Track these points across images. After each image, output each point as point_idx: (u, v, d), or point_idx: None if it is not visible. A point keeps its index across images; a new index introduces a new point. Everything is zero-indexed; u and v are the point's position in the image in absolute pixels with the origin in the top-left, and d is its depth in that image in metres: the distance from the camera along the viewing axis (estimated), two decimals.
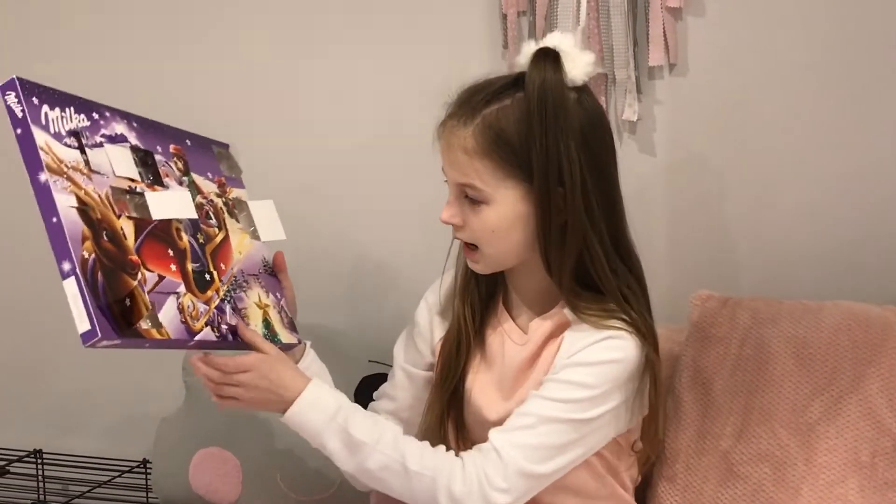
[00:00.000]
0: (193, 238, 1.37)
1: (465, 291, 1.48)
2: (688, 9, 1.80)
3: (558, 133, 1.31)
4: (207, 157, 1.50)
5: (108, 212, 1.25)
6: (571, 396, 1.33)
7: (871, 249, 1.79)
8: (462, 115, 1.36)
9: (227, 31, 2.07)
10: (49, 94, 1.25)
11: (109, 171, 1.28)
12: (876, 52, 1.75)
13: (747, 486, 1.55)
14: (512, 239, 1.37)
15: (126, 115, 1.37)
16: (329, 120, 2.03)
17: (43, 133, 1.21)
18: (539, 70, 1.32)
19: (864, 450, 1.52)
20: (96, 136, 1.30)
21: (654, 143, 1.85)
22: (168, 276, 1.29)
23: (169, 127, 1.45)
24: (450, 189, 1.40)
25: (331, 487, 1.77)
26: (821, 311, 1.62)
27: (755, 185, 1.83)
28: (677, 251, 1.87)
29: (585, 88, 1.37)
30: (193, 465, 1.81)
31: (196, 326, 1.30)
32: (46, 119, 1.23)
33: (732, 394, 1.61)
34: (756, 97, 1.80)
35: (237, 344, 1.38)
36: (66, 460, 2.25)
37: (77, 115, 1.28)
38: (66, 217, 1.18)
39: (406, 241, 2.00)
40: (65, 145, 1.23)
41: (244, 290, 1.43)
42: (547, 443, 1.33)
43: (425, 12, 1.94)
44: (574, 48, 1.34)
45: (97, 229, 1.21)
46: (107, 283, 1.19)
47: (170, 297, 1.27)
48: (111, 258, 1.21)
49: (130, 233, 1.27)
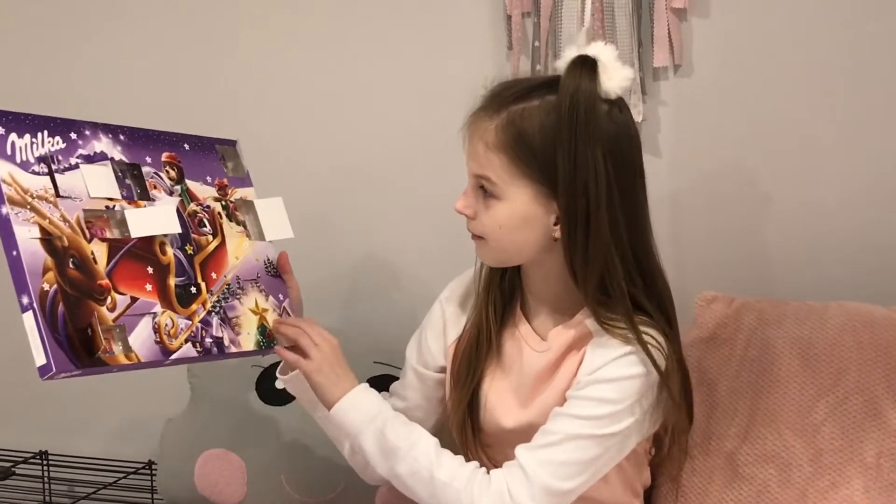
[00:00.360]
0: (181, 250, 1.38)
1: (487, 292, 1.48)
2: (692, 10, 1.80)
3: (587, 141, 1.30)
4: (208, 160, 1.50)
5: (79, 237, 1.25)
6: (596, 413, 1.33)
7: (876, 250, 1.79)
8: (489, 107, 1.36)
9: (233, 30, 2.08)
10: (19, 121, 1.25)
11: (84, 194, 1.29)
12: (881, 52, 1.74)
13: (752, 488, 1.55)
14: (518, 238, 1.37)
15: (112, 130, 1.37)
16: (333, 120, 2.03)
17: (7, 164, 1.22)
18: (574, 77, 1.31)
19: (869, 451, 1.52)
20: (71, 157, 1.30)
21: (658, 143, 1.85)
22: (142, 296, 1.29)
23: (165, 133, 1.45)
24: (468, 180, 1.41)
25: (336, 489, 1.77)
26: (826, 312, 1.62)
27: (760, 186, 1.83)
28: (682, 252, 1.87)
29: (619, 102, 1.36)
30: (198, 466, 1.82)
31: (173, 345, 1.30)
32: (13, 148, 1.23)
33: (737, 395, 1.61)
34: (760, 98, 1.80)
35: (224, 356, 1.39)
36: (72, 462, 2.25)
37: (50, 139, 1.28)
38: (25, 250, 1.19)
39: (413, 240, 2.00)
40: (32, 173, 1.24)
41: (238, 298, 1.43)
42: (573, 459, 1.33)
43: (430, 13, 1.94)
44: (615, 61, 1.34)
45: (62, 258, 1.22)
46: (68, 313, 1.20)
47: (143, 318, 1.28)
48: (76, 286, 1.22)
49: (102, 256, 1.27)
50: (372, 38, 1.99)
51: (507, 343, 1.47)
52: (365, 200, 2.03)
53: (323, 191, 2.04)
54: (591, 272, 1.34)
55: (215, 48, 2.09)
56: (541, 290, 1.45)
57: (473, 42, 1.91)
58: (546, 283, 1.43)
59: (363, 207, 2.04)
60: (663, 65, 1.80)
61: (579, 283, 1.36)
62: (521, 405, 1.44)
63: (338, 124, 2.03)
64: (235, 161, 1.55)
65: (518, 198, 1.35)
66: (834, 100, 1.78)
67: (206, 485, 1.81)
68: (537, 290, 1.45)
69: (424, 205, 1.97)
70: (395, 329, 1.91)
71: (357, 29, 1.99)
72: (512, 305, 1.49)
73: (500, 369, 1.47)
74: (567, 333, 1.41)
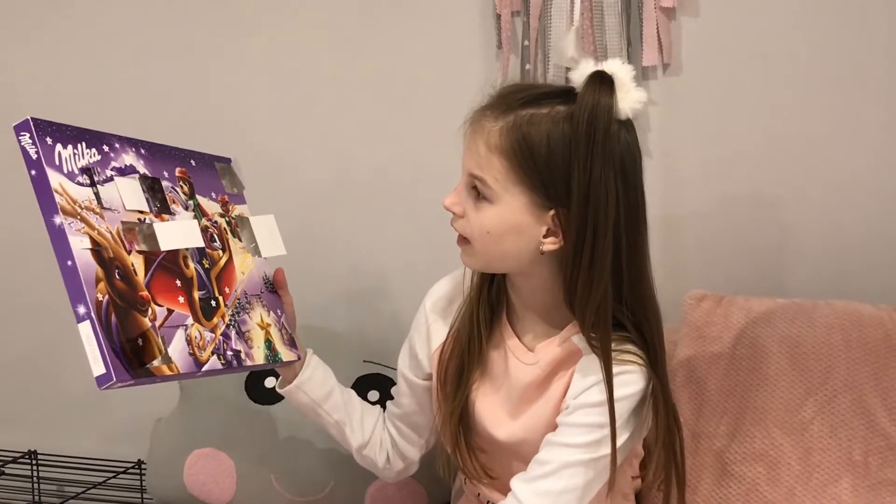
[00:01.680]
0: (199, 265, 1.38)
1: (478, 301, 1.45)
2: (681, 9, 1.80)
3: (603, 160, 1.26)
4: (210, 176, 1.50)
5: (120, 249, 1.26)
6: (587, 440, 1.32)
7: (865, 249, 1.80)
8: (496, 108, 1.32)
9: (223, 35, 2.07)
10: (62, 132, 1.26)
11: (120, 206, 1.29)
12: (871, 52, 1.75)
13: (741, 486, 1.55)
14: (504, 245, 1.33)
15: (134, 143, 1.38)
16: (322, 120, 2.03)
17: (57, 174, 1.22)
18: (593, 93, 1.27)
19: (857, 449, 1.52)
20: (107, 170, 1.30)
21: (647, 142, 1.85)
22: (177, 308, 1.30)
23: (174, 148, 1.46)
24: (461, 177, 1.37)
25: (325, 488, 1.77)
26: (814, 311, 1.62)
27: (749, 185, 1.83)
28: (672, 251, 1.87)
29: (627, 123, 1.31)
30: (188, 466, 1.81)
31: (203, 357, 1.31)
32: (60, 159, 1.23)
33: (726, 393, 1.61)
34: (749, 97, 1.81)
35: (242, 368, 1.40)
36: (61, 461, 2.24)
37: (88, 150, 1.28)
38: (80, 259, 1.19)
39: (401, 243, 2.00)
40: (77, 184, 1.24)
41: (247, 312, 1.44)
42: (569, 486, 1.32)
43: (419, 12, 1.94)
44: (631, 81, 1.30)
45: (109, 269, 1.22)
46: (120, 323, 1.20)
47: (178, 329, 1.28)
48: (123, 297, 1.23)
49: (140, 268, 1.27)
50: (360, 39, 1.99)
51: (492, 353, 1.45)
52: (353, 203, 2.03)
53: (310, 194, 2.04)
54: (593, 296, 1.30)
55: (206, 54, 2.08)
56: (529, 303, 1.42)
57: (463, 41, 1.91)
58: (535, 295, 1.40)
59: (352, 209, 2.04)
60: (652, 64, 1.81)
61: (575, 304, 1.32)
62: (511, 416, 1.43)
63: (325, 125, 2.03)
64: (231, 178, 1.55)
65: (510, 204, 1.31)
66: (823, 97, 1.78)
67: (195, 484, 1.81)
68: (526, 301, 1.42)
69: (413, 208, 1.97)
70: (384, 329, 1.92)
71: (345, 29, 1.99)
72: (498, 315, 1.46)
73: (487, 379, 1.46)
74: (556, 349, 1.39)
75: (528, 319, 1.43)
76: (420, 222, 1.96)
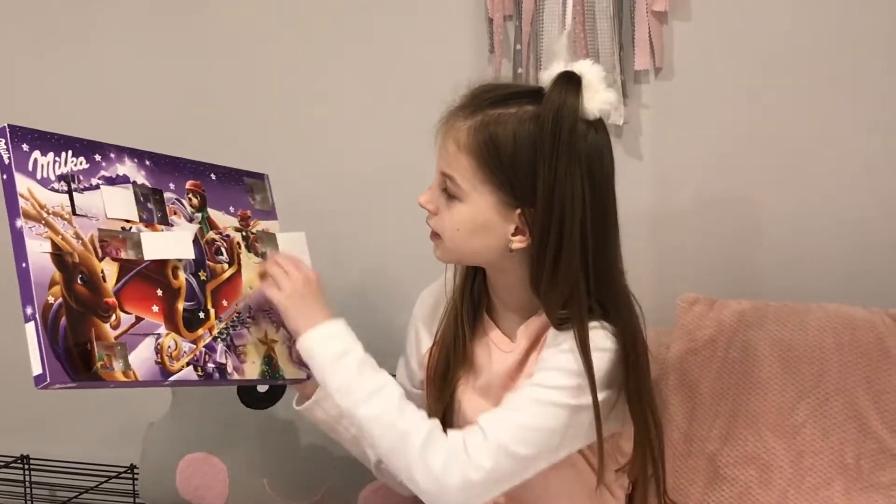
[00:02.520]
0: (194, 276, 1.41)
1: (461, 300, 1.48)
2: (673, 13, 1.81)
3: (568, 159, 1.28)
4: (234, 191, 1.53)
5: (90, 255, 1.29)
6: (560, 383, 1.32)
7: (856, 253, 1.80)
8: (466, 107, 1.35)
9: (221, 37, 2.07)
10: (45, 140, 1.30)
11: (101, 214, 1.33)
12: (864, 55, 1.75)
13: (734, 489, 1.55)
14: (473, 242, 1.36)
15: (139, 154, 1.42)
16: (313, 125, 2.03)
17: (27, 179, 1.26)
18: (559, 93, 1.30)
19: (849, 452, 1.53)
20: (93, 178, 1.34)
21: (639, 146, 1.86)
22: (147, 317, 1.32)
23: (192, 162, 1.49)
24: (435, 176, 1.40)
25: (318, 492, 1.77)
26: (806, 314, 1.62)
27: (741, 189, 1.83)
28: (663, 254, 1.87)
29: (597, 124, 1.33)
30: (180, 470, 1.81)
31: (174, 367, 1.33)
32: (35, 165, 1.28)
33: (719, 396, 1.61)
34: (741, 101, 1.81)
35: (226, 382, 1.41)
36: (54, 466, 2.24)
37: (74, 159, 1.33)
38: (34, 263, 1.23)
39: (392, 248, 2.00)
40: (51, 190, 1.28)
41: (247, 327, 1.45)
42: (533, 424, 1.31)
43: (411, 16, 1.94)
44: (600, 81, 1.32)
45: (71, 273, 1.26)
46: (69, 326, 1.23)
47: (146, 338, 1.31)
48: (82, 302, 1.26)
49: (112, 275, 1.30)
50: (352, 42, 1.99)
51: (477, 349, 1.47)
52: (343, 206, 2.03)
53: (299, 199, 2.03)
54: (558, 293, 1.33)
55: (205, 55, 2.09)
56: (506, 297, 1.44)
57: (455, 45, 1.92)
58: (511, 290, 1.42)
59: (342, 213, 2.03)
60: (644, 68, 1.81)
61: (542, 301, 1.36)
62: (493, 404, 1.42)
63: (315, 128, 2.03)
64: (263, 194, 1.58)
65: (478, 203, 1.34)
66: (815, 101, 1.78)
67: (188, 488, 1.81)
68: (503, 296, 1.45)
69: (403, 209, 1.96)
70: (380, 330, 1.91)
71: (338, 32, 1.99)
72: (480, 312, 1.49)
73: (472, 375, 1.47)
74: (530, 329, 1.41)
75: (508, 312, 1.46)
76: (412, 225, 1.96)
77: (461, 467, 1.29)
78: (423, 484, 1.29)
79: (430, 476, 1.29)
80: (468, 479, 1.28)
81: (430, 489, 1.29)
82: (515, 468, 1.32)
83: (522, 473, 1.33)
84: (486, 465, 1.29)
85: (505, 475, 1.31)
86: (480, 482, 1.29)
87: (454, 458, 1.29)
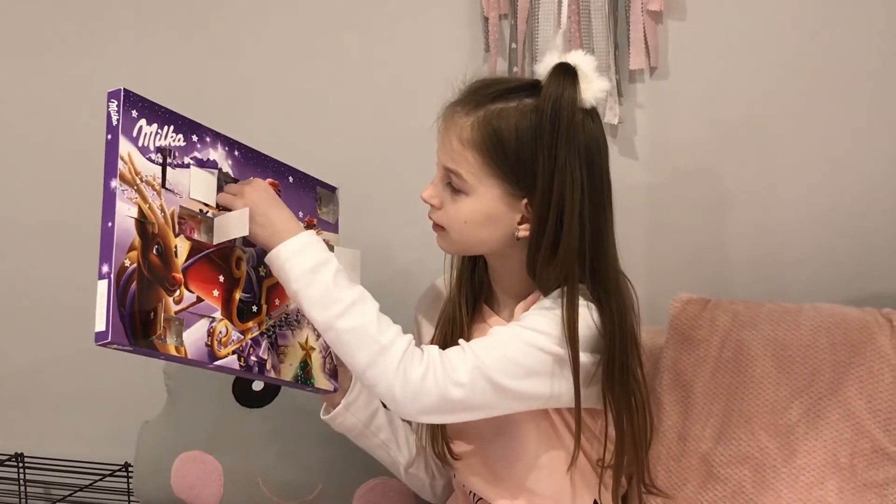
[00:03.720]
0: (255, 270, 1.44)
1: (459, 287, 1.51)
2: (668, 12, 1.81)
3: (567, 149, 1.33)
4: (306, 197, 1.57)
5: (168, 229, 1.32)
6: (545, 327, 1.35)
7: (851, 252, 1.80)
8: (467, 103, 1.39)
9: (217, 31, 2.07)
10: (153, 110, 1.33)
11: (185, 192, 1.36)
12: (858, 54, 1.75)
13: (727, 488, 1.55)
14: (481, 233, 1.40)
15: (231, 143, 1.45)
16: (310, 122, 2.03)
17: (129, 144, 1.29)
18: (557, 84, 1.34)
19: (842, 451, 1.53)
20: (186, 156, 1.38)
21: (634, 146, 1.86)
22: (207, 299, 1.35)
23: (275, 161, 1.53)
24: (437, 171, 1.43)
25: (312, 491, 1.77)
26: (800, 314, 1.63)
27: (736, 188, 1.84)
28: (658, 253, 1.88)
29: (592, 112, 1.38)
30: (175, 468, 1.81)
31: (221, 352, 1.35)
32: (139, 132, 1.31)
33: (712, 396, 1.61)
34: (736, 100, 1.81)
35: (263, 377, 1.43)
36: (48, 464, 2.24)
37: (174, 134, 1.36)
38: (119, 224, 1.25)
39: (389, 247, 2.00)
40: (148, 159, 1.31)
41: (292, 329, 1.48)
42: (513, 357, 1.34)
43: (407, 15, 1.94)
44: (593, 71, 1.37)
45: (149, 242, 1.29)
46: (139, 292, 1.25)
47: (202, 319, 1.34)
48: (153, 271, 1.28)
49: (184, 252, 1.34)
50: (348, 41, 1.99)
51: (475, 335, 1.49)
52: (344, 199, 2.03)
53: None
54: (554, 277, 1.37)
55: (199, 46, 2.08)
56: (507, 283, 1.48)
57: (450, 44, 1.92)
58: (511, 277, 1.46)
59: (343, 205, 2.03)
60: (639, 67, 1.81)
61: (537, 283, 1.40)
62: None
63: (312, 126, 2.03)
64: (330, 206, 1.62)
65: (485, 196, 1.38)
66: (810, 100, 1.79)
67: (182, 487, 1.81)
68: (504, 282, 1.49)
69: (399, 208, 1.97)
70: None
71: (333, 32, 1.99)
72: (479, 301, 1.52)
73: None
74: (526, 305, 1.44)
75: (506, 300, 1.49)
76: (408, 222, 1.96)
77: (438, 378, 1.31)
78: (400, 394, 1.31)
79: (407, 387, 1.31)
80: (443, 391, 1.31)
81: (405, 398, 1.31)
82: (494, 393, 1.33)
83: (504, 401, 1.35)
84: (462, 380, 1.31)
85: (484, 398, 1.33)
86: (455, 398, 1.31)
87: (432, 369, 1.32)
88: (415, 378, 1.30)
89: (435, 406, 1.31)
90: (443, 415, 1.34)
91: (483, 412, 1.36)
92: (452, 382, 1.31)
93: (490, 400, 1.34)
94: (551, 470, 1.45)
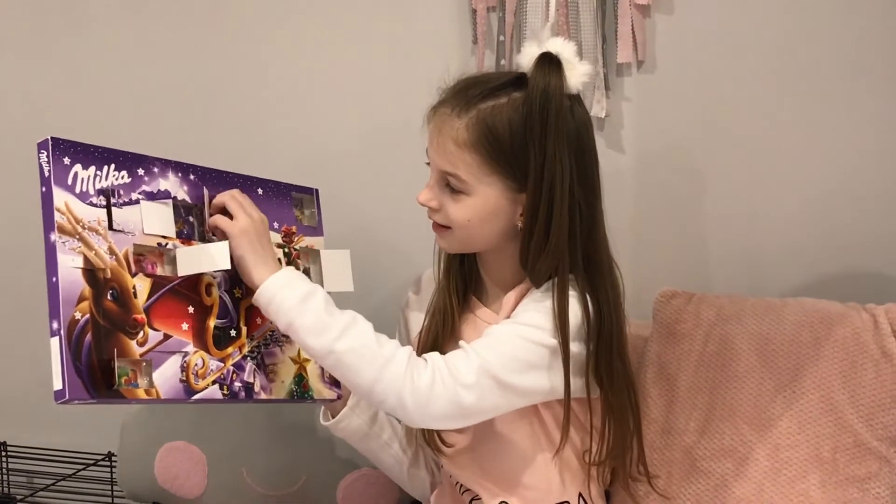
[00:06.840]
0: (228, 293, 1.41)
1: (447, 278, 1.51)
2: (656, 6, 1.81)
3: (556, 138, 1.34)
4: (280, 206, 1.53)
5: (122, 270, 1.29)
6: (538, 321, 1.36)
7: (835, 248, 1.81)
8: (457, 105, 1.38)
9: (206, 26, 2.06)
10: (87, 153, 1.30)
11: (137, 229, 1.33)
12: (845, 50, 1.76)
13: (710, 481, 1.56)
14: (485, 229, 1.41)
15: (184, 168, 1.41)
16: (298, 116, 2.02)
17: (65, 193, 1.26)
18: (543, 74, 1.35)
19: (825, 445, 1.53)
20: (133, 193, 1.34)
21: (621, 139, 1.86)
22: (176, 334, 1.33)
23: (240, 176, 1.49)
24: (431, 173, 1.42)
25: (297, 482, 1.77)
26: (784, 308, 1.63)
27: (723, 183, 1.84)
28: (643, 247, 1.88)
29: (577, 98, 1.40)
30: (159, 458, 1.81)
31: (199, 385, 1.33)
32: (74, 179, 1.28)
33: (696, 389, 1.62)
34: (724, 95, 1.81)
35: (252, 401, 1.41)
36: (31, 453, 2.23)
37: (116, 173, 1.33)
38: (64, 278, 1.23)
39: (379, 240, 2.00)
40: (89, 204, 1.28)
41: (280, 346, 1.46)
42: (514, 353, 1.35)
43: (394, 8, 1.93)
44: (574, 56, 1.38)
45: (101, 289, 1.26)
46: (94, 342, 1.23)
47: (173, 356, 1.31)
48: (110, 318, 1.26)
49: (144, 291, 1.31)
50: (335, 34, 1.98)
51: (465, 328, 1.50)
52: (328, 194, 2.02)
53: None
54: (545, 267, 1.39)
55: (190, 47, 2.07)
56: (499, 275, 1.49)
57: (438, 36, 1.91)
58: (504, 268, 1.47)
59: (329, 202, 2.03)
60: (627, 61, 1.81)
61: (529, 273, 1.41)
62: None
63: (301, 120, 2.02)
64: (311, 209, 1.59)
65: (486, 193, 1.38)
66: (797, 96, 1.79)
67: (166, 477, 1.81)
68: (496, 274, 1.49)
69: (386, 201, 1.97)
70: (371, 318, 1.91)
71: (320, 24, 1.98)
72: (469, 293, 1.52)
73: None
74: (512, 295, 1.45)
75: (498, 291, 1.49)
76: (395, 215, 1.96)
77: (447, 383, 1.32)
78: (411, 403, 1.31)
79: (417, 395, 1.31)
80: (453, 395, 1.31)
81: (417, 407, 1.31)
82: (501, 391, 1.34)
83: (509, 399, 1.36)
84: (468, 381, 1.32)
85: (491, 400, 1.34)
86: (465, 401, 1.32)
87: (438, 375, 1.32)
88: (423, 385, 1.31)
89: (446, 411, 1.32)
90: (455, 420, 1.35)
91: (492, 413, 1.37)
92: (460, 385, 1.31)
93: (498, 399, 1.35)
94: (540, 464, 1.45)
